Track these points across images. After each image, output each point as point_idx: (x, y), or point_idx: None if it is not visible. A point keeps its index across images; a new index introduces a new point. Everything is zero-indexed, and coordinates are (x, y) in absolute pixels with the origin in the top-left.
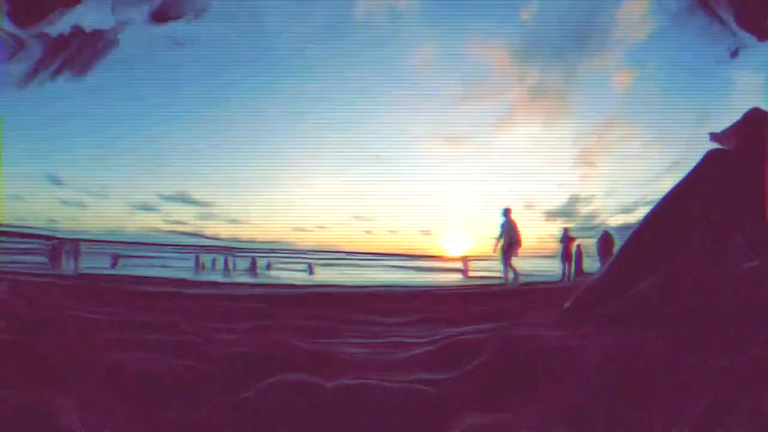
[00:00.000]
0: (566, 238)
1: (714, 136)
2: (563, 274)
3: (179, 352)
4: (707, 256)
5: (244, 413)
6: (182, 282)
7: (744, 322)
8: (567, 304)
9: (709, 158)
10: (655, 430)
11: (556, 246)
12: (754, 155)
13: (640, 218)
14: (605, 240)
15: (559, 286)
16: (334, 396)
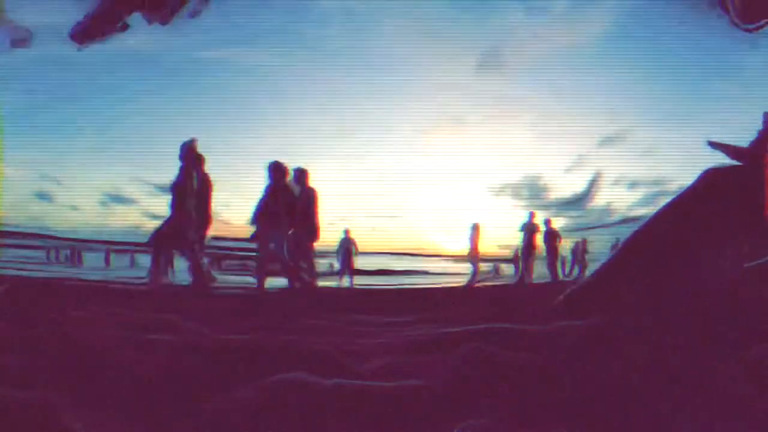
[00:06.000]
0: (530, 228)
1: (725, 149)
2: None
3: (178, 352)
4: (702, 267)
5: (243, 413)
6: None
7: (742, 322)
8: (557, 302)
9: (706, 178)
10: (654, 430)
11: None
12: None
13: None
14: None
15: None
16: (332, 396)
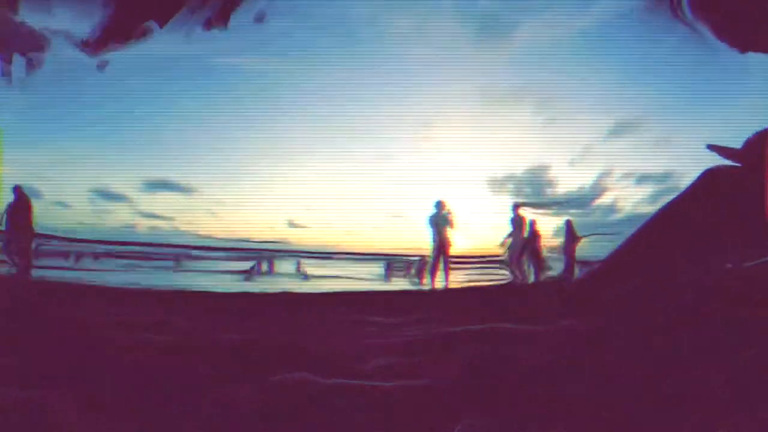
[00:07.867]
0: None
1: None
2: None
3: (179, 351)
4: (701, 266)
5: (244, 412)
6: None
7: (741, 321)
8: (556, 301)
9: (706, 178)
10: (653, 429)
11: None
12: (755, 173)
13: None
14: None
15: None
16: (333, 396)
